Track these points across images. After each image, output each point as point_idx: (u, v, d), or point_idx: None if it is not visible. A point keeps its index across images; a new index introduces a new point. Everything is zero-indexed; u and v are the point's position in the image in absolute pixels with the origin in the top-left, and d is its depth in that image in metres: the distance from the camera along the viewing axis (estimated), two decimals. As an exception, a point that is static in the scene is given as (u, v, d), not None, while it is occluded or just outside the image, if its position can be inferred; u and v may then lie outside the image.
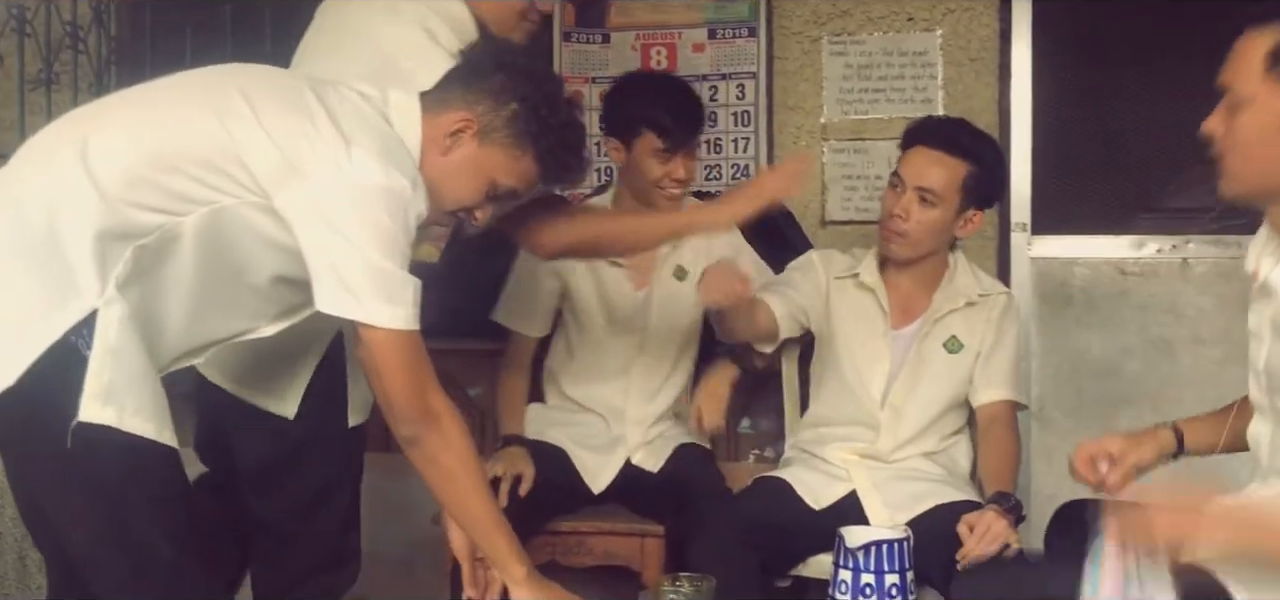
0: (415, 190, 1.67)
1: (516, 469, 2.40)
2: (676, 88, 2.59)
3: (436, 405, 1.70)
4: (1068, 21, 3.25)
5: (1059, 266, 3.27)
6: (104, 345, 1.55)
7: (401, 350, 1.65)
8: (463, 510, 1.76)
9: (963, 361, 2.40)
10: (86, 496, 1.58)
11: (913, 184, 2.32)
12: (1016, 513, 2.16)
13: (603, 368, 2.60)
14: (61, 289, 1.55)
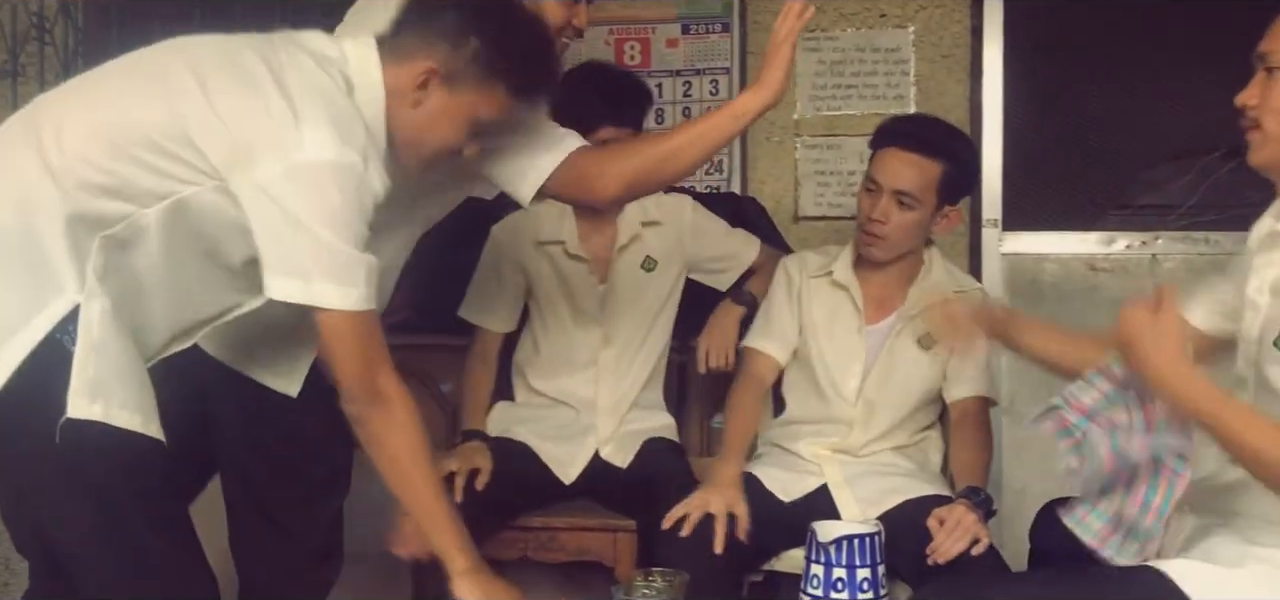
0: (368, 166, 1.62)
1: (473, 463, 2.38)
2: (594, 74, 2.54)
3: (386, 387, 1.67)
4: (1039, 19, 3.27)
5: (1030, 263, 3.29)
6: (88, 340, 1.53)
7: (351, 330, 1.62)
8: (407, 495, 1.72)
9: (936, 358, 2.40)
10: (75, 495, 1.56)
11: (889, 187, 2.32)
12: (987, 507, 2.17)
13: (570, 360, 2.59)
14: (42, 286, 1.53)
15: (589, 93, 2.43)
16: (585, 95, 2.41)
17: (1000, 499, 2.53)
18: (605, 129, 2.41)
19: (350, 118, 1.65)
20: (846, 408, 2.39)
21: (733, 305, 2.60)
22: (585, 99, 2.40)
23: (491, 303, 2.64)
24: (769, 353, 2.47)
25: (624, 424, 2.57)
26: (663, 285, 2.63)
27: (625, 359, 2.59)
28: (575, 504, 2.52)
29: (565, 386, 2.59)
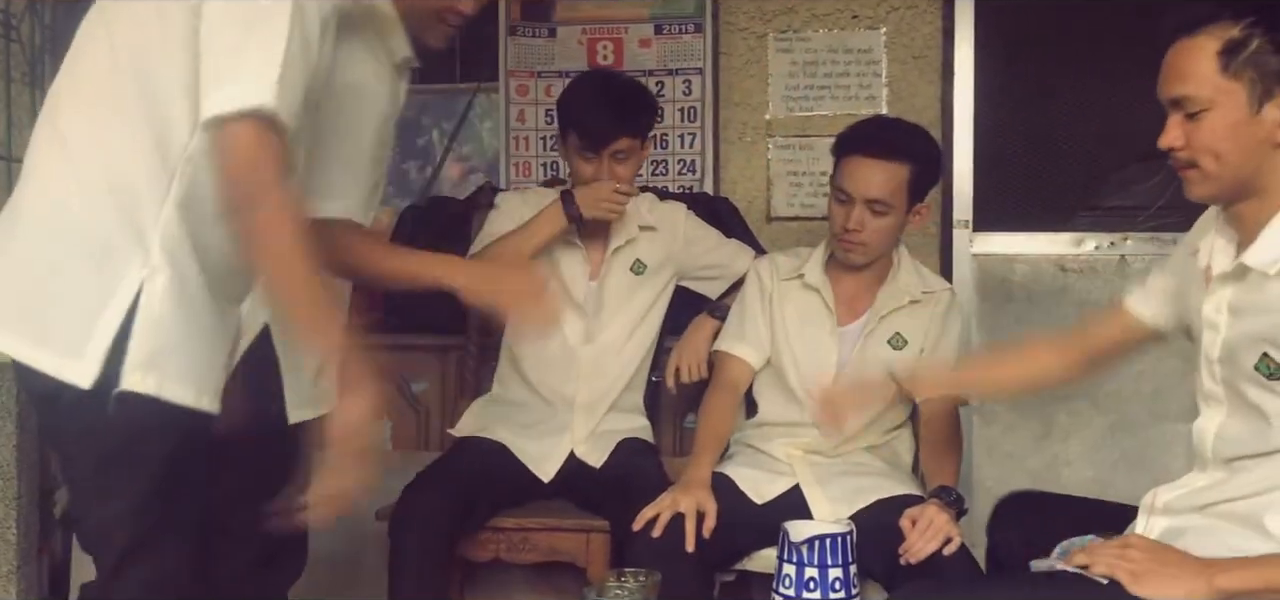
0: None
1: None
2: (607, 87, 2.55)
3: (274, 187, 1.50)
4: (1010, 21, 3.29)
5: (1000, 263, 3.31)
6: (147, 314, 1.53)
7: (237, 130, 1.47)
8: (287, 293, 1.56)
9: (907, 357, 2.41)
10: (120, 473, 1.58)
11: (861, 197, 2.33)
12: (959, 507, 2.19)
13: (554, 352, 2.59)
14: (111, 271, 1.54)
15: (602, 105, 2.45)
16: (598, 108, 2.44)
17: (971, 498, 2.54)
18: (621, 140, 2.45)
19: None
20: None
21: (708, 318, 2.61)
22: (598, 112, 2.43)
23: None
24: (743, 357, 2.47)
25: (600, 423, 2.57)
26: (650, 290, 2.63)
27: (606, 358, 2.60)
28: (549, 504, 2.51)
29: (544, 378, 2.59)
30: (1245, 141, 1.60)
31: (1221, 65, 1.59)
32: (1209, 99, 1.60)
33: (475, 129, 3.47)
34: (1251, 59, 1.58)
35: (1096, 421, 3.29)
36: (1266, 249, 1.61)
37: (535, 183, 3.35)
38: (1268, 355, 1.60)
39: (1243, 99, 1.59)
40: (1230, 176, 1.63)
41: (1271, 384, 1.61)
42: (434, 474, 2.39)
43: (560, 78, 3.37)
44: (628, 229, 2.61)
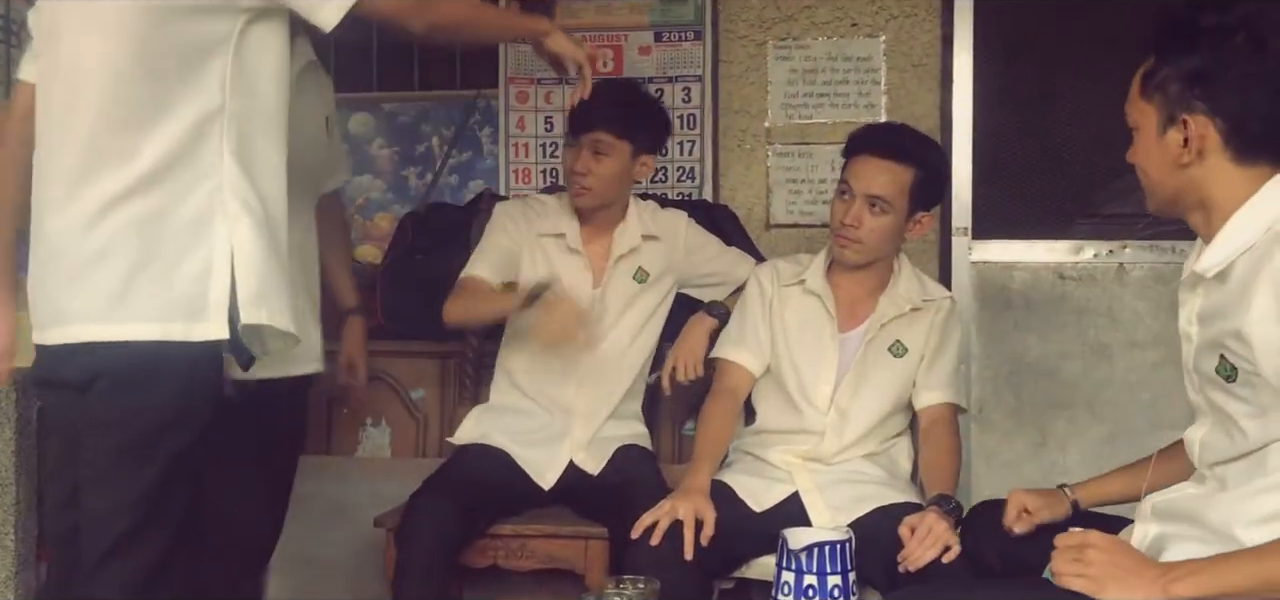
0: None
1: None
2: (608, 83, 2.60)
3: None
4: (1009, 29, 3.30)
5: (999, 270, 3.32)
6: (243, 256, 1.70)
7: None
8: (489, 30, 2.20)
9: (907, 365, 2.42)
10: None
11: (862, 192, 2.34)
12: (957, 515, 2.19)
13: (551, 360, 2.58)
14: (205, 237, 1.70)
15: (595, 95, 2.35)
16: (591, 98, 2.35)
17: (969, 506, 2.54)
18: (599, 131, 2.48)
19: None
20: (818, 416, 2.40)
21: (705, 316, 2.61)
22: (589, 100, 2.35)
23: (505, 263, 2.61)
24: (743, 364, 2.47)
25: (598, 431, 2.57)
26: (652, 298, 2.64)
27: (606, 365, 2.59)
28: (547, 511, 2.51)
29: (542, 385, 2.59)
30: (1158, 161, 1.71)
31: (1141, 91, 1.73)
32: (1135, 121, 1.74)
33: (475, 136, 3.48)
34: (1159, 86, 1.70)
35: (1094, 430, 3.29)
36: (1212, 254, 1.68)
37: (534, 189, 3.35)
38: (1223, 357, 1.65)
39: (1154, 122, 1.70)
40: (1159, 191, 1.74)
41: (1230, 387, 1.64)
42: (438, 482, 2.38)
43: (560, 85, 3.38)
44: (630, 237, 2.61)
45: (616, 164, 2.53)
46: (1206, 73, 1.65)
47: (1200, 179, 1.68)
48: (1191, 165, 1.67)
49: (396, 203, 3.48)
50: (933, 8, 3.28)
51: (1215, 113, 1.65)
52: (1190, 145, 1.66)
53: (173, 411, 1.69)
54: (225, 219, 1.70)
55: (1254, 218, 1.64)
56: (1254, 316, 1.58)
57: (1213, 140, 1.66)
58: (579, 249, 2.59)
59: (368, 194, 3.50)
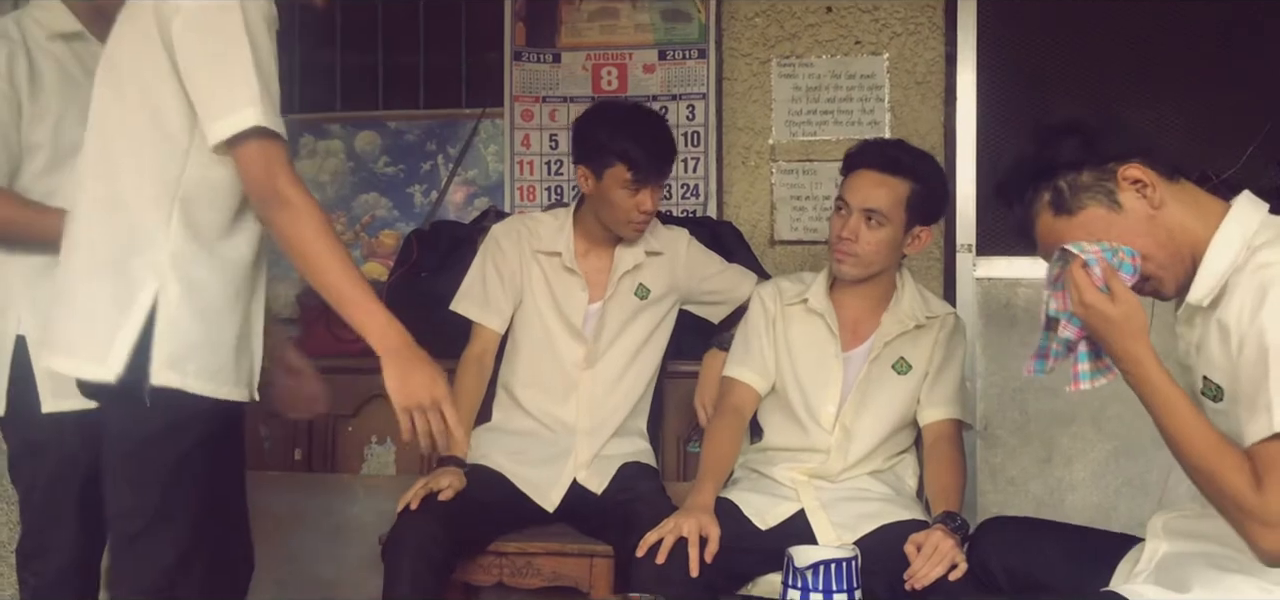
0: None
1: (438, 485, 2.36)
2: (650, 121, 2.54)
3: (287, 191, 1.75)
4: (1012, 47, 3.31)
5: (1003, 287, 3.32)
6: (165, 317, 1.77)
7: (259, 147, 1.75)
8: (322, 280, 1.79)
9: (911, 382, 2.42)
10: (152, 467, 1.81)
11: (858, 206, 2.34)
12: (963, 532, 2.18)
13: (552, 377, 2.59)
14: (130, 286, 1.79)
15: (661, 142, 2.47)
16: (658, 145, 2.46)
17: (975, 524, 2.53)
18: (666, 173, 2.51)
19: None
20: (823, 434, 2.40)
21: (717, 353, 2.61)
22: (658, 148, 2.45)
23: (491, 298, 2.61)
24: (748, 382, 2.47)
25: (602, 449, 2.57)
26: (654, 315, 2.63)
27: (607, 383, 2.59)
28: (552, 529, 2.51)
29: (544, 404, 2.59)
30: (1140, 230, 1.72)
31: (1067, 215, 1.76)
32: (1096, 234, 1.73)
33: (480, 154, 3.49)
34: (1073, 192, 1.75)
35: (1100, 447, 3.29)
36: (1202, 284, 1.70)
37: (539, 207, 3.36)
38: (1207, 378, 1.69)
39: (1103, 213, 1.73)
40: (1166, 257, 1.73)
41: (1217, 406, 1.67)
42: (430, 500, 2.38)
43: (564, 103, 3.39)
44: (634, 254, 2.61)
45: (661, 191, 2.58)
46: (1089, 141, 1.73)
47: (1176, 218, 1.71)
48: (1162, 206, 1.71)
49: (402, 220, 3.49)
50: (935, 25, 3.29)
51: (1126, 155, 1.72)
52: (1145, 188, 1.71)
53: (158, 425, 1.79)
54: (155, 279, 1.79)
55: (1230, 237, 1.67)
56: (1232, 314, 1.62)
57: (1151, 173, 1.71)
58: (574, 268, 2.59)
59: (373, 211, 3.52)
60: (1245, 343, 1.59)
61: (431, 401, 1.83)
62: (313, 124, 3.54)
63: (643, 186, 2.47)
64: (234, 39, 1.74)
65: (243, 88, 1.73)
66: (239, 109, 1.73)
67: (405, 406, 1.83)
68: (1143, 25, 3.22)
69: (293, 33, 3.47)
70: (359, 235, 3.52)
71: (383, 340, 1.82)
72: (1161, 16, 3.19)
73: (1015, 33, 3.31)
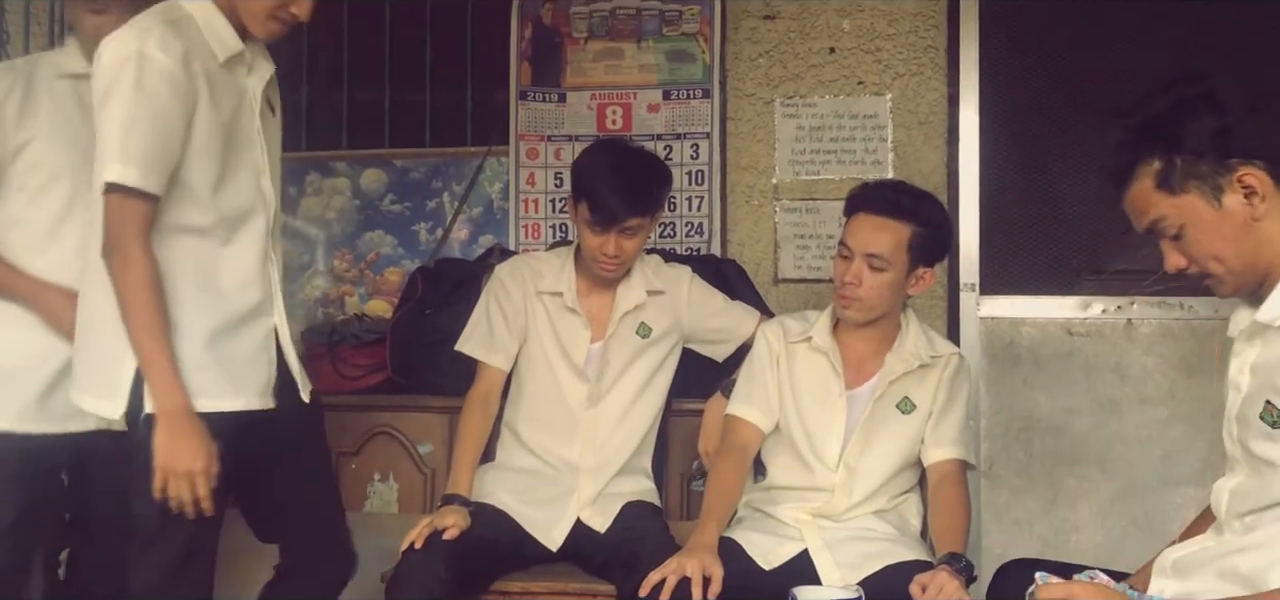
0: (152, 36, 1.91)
1: (445, 523, 2.37)
2: (624, 166, 2.50)
3: (128, 246, 1.90)
4: (1014, 87, 3.33)
5: (1007, 326, 3.32)
6: None
7: (113, 201, 1.91)
8: (132, 330, 1.92)
9: (915, 421, 2.41)
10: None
11: (861, 252, 2.35)
12: (968, 573, 2.18)
13: (555, 416, 2.59)
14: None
15: (618, 184, 2.44)
16: (613, 187, 2.44)
17: (980, 565, 2.53)
18: (631, 219, 2.47)
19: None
20: (827, 474, 2.39)
21: (721, 398, 2.60)
22: (613, 191, 2.43)
23: (496, 337, 2.62)
24: (751, 421, 2.47)
25: (605, 487, 2.56)
26: (657, 354, 2.63)
27: (610, 422, 2.59)
28: (554, 568, 2.50)
29: (547, 443, 2.58)
30: (1228, 234, 1.69)
31: (1166, 193, 1.70)
32: (1177, 221, 1.70)
33: (485, 192, 3.50)
34: (1184, 174, 1.68)
35: (1105, 487, 3.28)
36: (1276, 304, 1.67)
37: (543, 245, 3.37)
38: (1269, 403, 1.64)
39: (1202, 204, 1.68)
40: (1240, 266, 1.70)
41: (1275, 432, 1.63)
42: (433, 539, 2.37)
43: (569, 142, 3.41)
44: (635, 293, 2.61)
45: (645, 239, 2.57)
46: (1226, 127, 1.66)
47: (1269, 232, 1.67)
48: (1264, 218, 1.66)
49: (407, 257, 3.50)
50: (938, 66, 3.31)
51: (1254, 156, 1.66)
52: (1254, 196, 1.66)
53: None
54: None
55: None
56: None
57: (1268, 183, 1.66)
58: (576, 307, 2.60)
59: (378, 248, 3.53)
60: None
61: (188, 472, 1.91)
62: (319, 162, 3.56)
63: (603, 230, 2.46)
64: (120, 96, 1.89)
65: (112, 143, 1.89)
66: (107, 162, 1.89)
67: (165, 467, 1.91)
68: (1145, 65, 3.23)
69: (300, 72, 3.51)
70: (364, 273, 3.53)
71: (161, 402, 1.92)
72: (1164, 57, 3.21)
73: (1017, 74, 3.33)
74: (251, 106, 2.08)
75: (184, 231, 1.98)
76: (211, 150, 1.98)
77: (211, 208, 1.99)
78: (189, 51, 1.93)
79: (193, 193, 1.97)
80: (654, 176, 2.53)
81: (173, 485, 1.91)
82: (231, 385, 2.01)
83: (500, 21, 3.46)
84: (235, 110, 2.04)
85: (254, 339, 2.06)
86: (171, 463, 1.90)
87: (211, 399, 1.97)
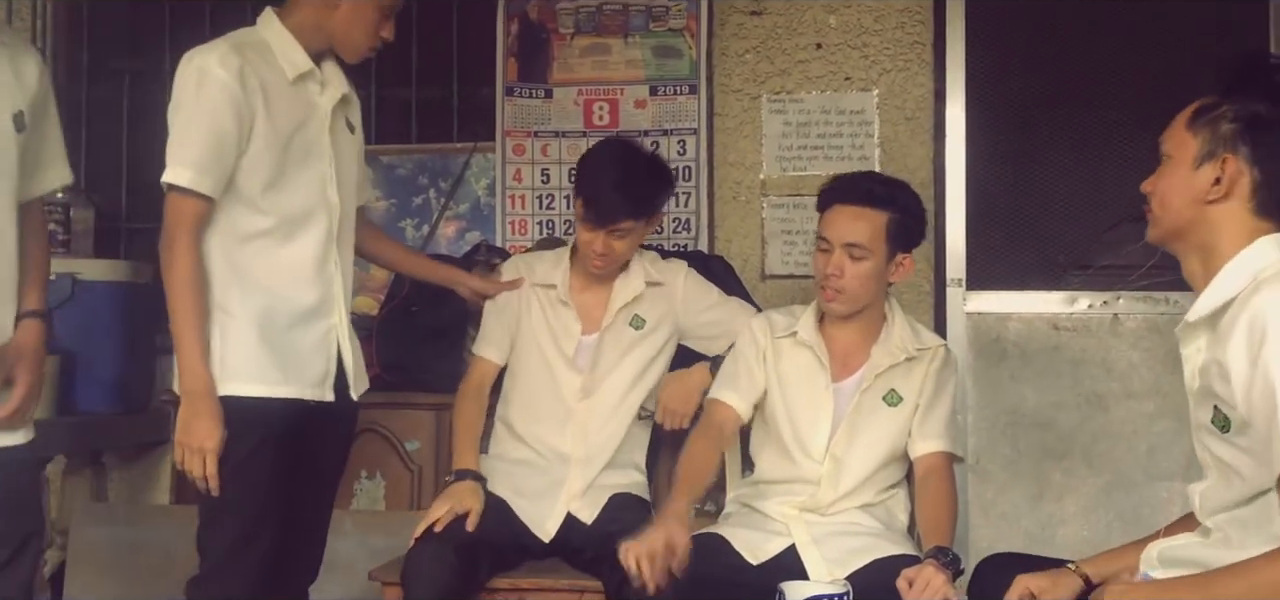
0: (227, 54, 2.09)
1: (464, 504, 2.39)
2: (620, 167, 2.52)
3: (177, 242, 2.10)
4: (1000, 83, 3.34)
5: (994, 321, 3.33)
6: (216, 346, 2.15)
7: (170, 199, 2.11)
8: (173, 315, 2.10)
9: (902, 414, 2.42)
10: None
11: (840, 242, 2.36)
12: (955, 567, 2.18)
13: (546, 407, 2.59)
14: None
15: (614, 186, 2.48)
16: (610, 188, 2.47)
17: (967, 558, 2.53)
18: (624, 222, 2.49)
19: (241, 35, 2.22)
20: (814, 465, 2.40)
21: (706, 371, 2.60)
22: (609, 191, 2.47)
23: (490, 330, 2.67)
24: (731, 404, 2.48)
25: (595, 479, 2.56)
26: (651, 346, 2.64)
27: (603, 413, 2.59)
28: (543, 564, 2.50)
29: (540, 434, 2.59)
30: (1183, 192, 1.74)
31: (1189, 120, 1.75)
32: (1171, 151, 1.77)
33: (471, 188, 3.50)
34: (1211, 121, 1.72)
35: (1091, 481, 3.29)
36: (1202, 302, 1.71)
37: (530, 241, 3.36)
38: (1216, 409, 1.67)
39: (1192, 154, 1.73)
40: (1168, 222, 1.77)
41: (1227, 437, 1.66)
42: (450, 525, 2.38)
43: (556, 138, 3.41)
44: (633, 286, 2.62)
45: (638, 240, 2.59)
46: (1265, 121, 1.68)
47: (1214, 220, 1.71)
48: (1214, 204, 1.70)
49: (393, 254, 3.49)
50: (924, 62, 3.32)
51: (1256, 162, 1.68)
52: (1221, 184, 1.69)
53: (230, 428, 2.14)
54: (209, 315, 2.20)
55: (1242, 268, 1.67)
56: (1231, 353, 1.60)
57: (1243, 187, 1.69)
58: (568, 301, 2.60)
59: (364, 246, 3.51)
60: (1253, 387, 1.57)
61: (201, 448, 2.08)
62: (304, 158, 3.54)
63: (594, 228, 2.49)
64: (181, 104, 2.11)
65: (174, 149, 2.10)
66: (169, 166, 2.09)
67: (181, 441, 2.10)
68: (1130, 61, 3.25)
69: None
70: (350, 269, 3.51)
71: (186, 382, 2.10)
72: (1148, 53, 3.22)
73: (1004, 69, 3.34)
74: (322, 121, 2.24)
75: (244, 231, 2.15)
76: (268, 157, 2.14)
77: (266, 209, 2.15)
78: (246, 68, 2.11)
79: (245, 194, 2.14)
80: (652, 182, 2.55)
81: (187, 459, 2.09)
82: (285, 374, 2.17)
83: (486, 17, 3.45)
84: (301, 123, 2.20)
85: (311, 335, 2.22)
86: (187, 439, 2.08)
87: (267, 386, 2.15)
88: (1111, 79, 3.27)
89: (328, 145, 2.24)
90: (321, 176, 2.23)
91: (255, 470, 2.13)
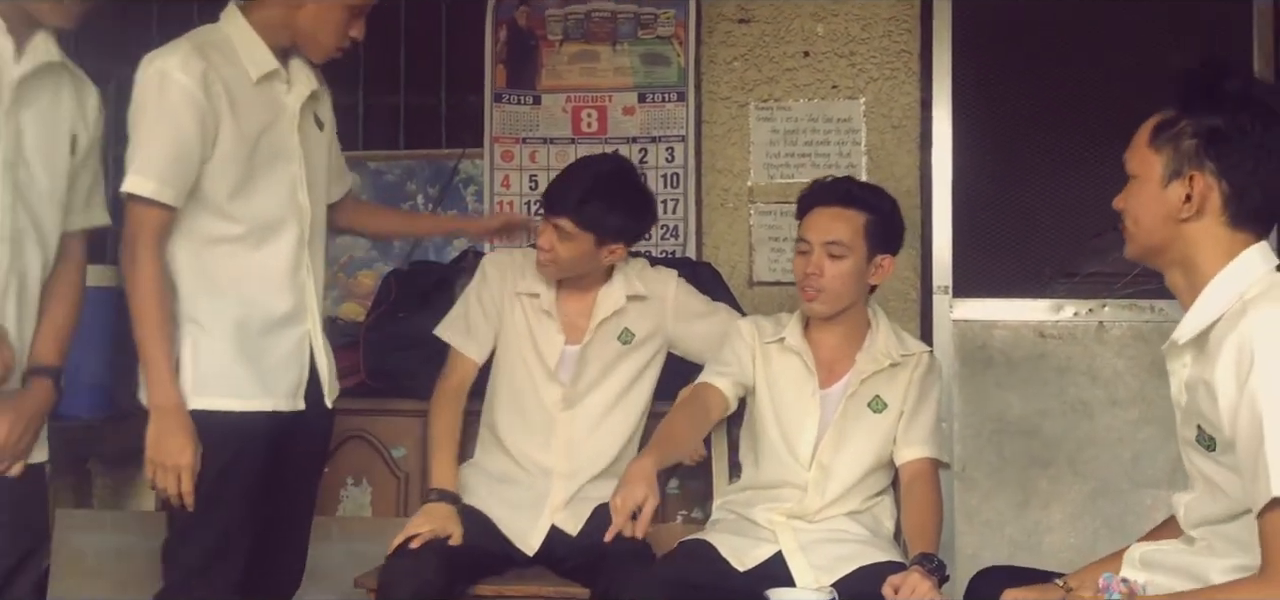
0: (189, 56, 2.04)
1: (444, 529, 2.37)
2: (588, 170, 2.57)
3: (140, 252, 2.03)
4: (987, 92, 3.35)
5: (979, 329, 3.34)
6: (184, 360, 2.10)
7: (131, 208, 2.05)
8: (137, 330, 2.04)
9: (887, 420, 2.43)
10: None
11: (820, 241, 2.38)
12: (940, 573, 2.19)
13: (529, 418, 2.58)
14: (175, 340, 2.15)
15: (567, 177, 2.52)
16: (563, 178, 2.52)
17: (952, 566, 2.55)
18: (562, 218, 2.47)
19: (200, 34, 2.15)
20: (800, 471, 2.40)
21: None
22: (560, 180, 2.52)
23: (473, 327, 2.62)
24: (718, 387, 2.48)
25: (579, 491, 2.55)
26: (639, 359, 2.63)
27: (586, 426, 2.58)
28: (528, 572, 2.49)
29: (522, 447, 2.58)
30: (1154, 211, 1.72)
31: (1150, 138, 1.74)
32: (1135, 169, 1.75)
33: (460, 194, 3.49)
34: (1172, 138, 1.71)
35: (1077, 488, 3.30)
36: (1189, 322, 1.70)
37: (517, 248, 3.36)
38: (1201, 428, 1.67)
39: (1158, 173, 1.71)
40: (1143, 240, 1.76)
41: (1212, 455, 1.66)
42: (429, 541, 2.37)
43: (544, 144, 3.41)
44: (615, 298, 2.60)
45: (578, 253, 2.52)
46: (1224, 134, 1.66)
47: (1191, 237, 1.70)
48: (1188, 221, 1.69)
49: (380, 260, 3.49)
50: (911, 71, 3.33)
51: (1223, 175, 1.67)
52: (1192, 202, 1.68)
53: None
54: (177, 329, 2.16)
55: (1228, 286, 1.66)
56: (1218, 374, 1.60)
57: (1214, 202, 1.68)
58: (551, 311, 2.59)
59: (351, 251, 3.51)
60: (1239, 411, 1.56)
61: (175, 466, 2.02)
62: (292, 164, 3.53)
63: (545, 215, 2.52)
64: (142, 110, 2.04)
65: (135, 156, 2.03)
66: (129, 174, 2.03)
67: (153, 459, 2.03)
68: (1116, 70, 3.27)
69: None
70: (337, 276, 3.50)
71: (155, 397, 2.03)
72: (1135, 61, 3.24)
73: (990, 78, 3.35)
74: (290, 121, 2.18)
75: (212, 237, 2.10)
76: (233, 162, 2.08)
77: (234, 216, 2.10)
78: (210, 71, 2.04)
79: (212, 201, 2.08)
80: (610, 201, 2.48)
81: (160, 476, 2.03)
82: (262, 386, 2.12)
83: (475, 24, 3.45)
84: (268, 125, 2.13)
85: (285, 344, 2.17)
86: (159, 456, 2.02)
87: (242, 400, 2.10)
88: (1097, 88, 3.28)
89: (297, 146, 2.18)
90: (291, 179, 2.18)
91: (229, 485, 2.08)
